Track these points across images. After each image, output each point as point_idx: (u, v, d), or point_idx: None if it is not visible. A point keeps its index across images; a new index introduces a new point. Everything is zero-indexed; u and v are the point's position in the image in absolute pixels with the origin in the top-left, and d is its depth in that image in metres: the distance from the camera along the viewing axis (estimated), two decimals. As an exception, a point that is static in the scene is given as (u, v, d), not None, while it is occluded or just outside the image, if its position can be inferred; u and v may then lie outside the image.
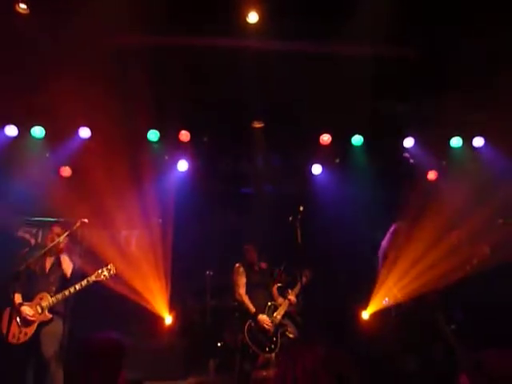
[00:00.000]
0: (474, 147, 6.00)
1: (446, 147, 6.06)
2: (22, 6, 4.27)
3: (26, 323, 4.09)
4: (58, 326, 4.21)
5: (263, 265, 5.08)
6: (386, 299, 4.88)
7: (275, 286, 5.03)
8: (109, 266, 4.30)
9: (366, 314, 5.39)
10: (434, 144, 6.04)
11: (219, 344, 5.38)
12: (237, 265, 4.94)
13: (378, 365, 4.63)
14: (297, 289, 4.80)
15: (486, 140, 5.95)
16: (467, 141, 6.00)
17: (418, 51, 4.90)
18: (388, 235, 4.91)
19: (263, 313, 4.68)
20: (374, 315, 5.22)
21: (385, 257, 4.81)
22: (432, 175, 6.20)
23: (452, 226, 5.17)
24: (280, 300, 4.89)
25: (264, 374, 4.34)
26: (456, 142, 6.01)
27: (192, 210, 5.82)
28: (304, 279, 4.83)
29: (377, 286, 4.94)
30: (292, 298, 4.77)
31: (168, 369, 4.59)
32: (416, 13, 4.31)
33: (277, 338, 4.61)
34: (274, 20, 4.51)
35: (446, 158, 6.14)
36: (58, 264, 4.37)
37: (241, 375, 4.62)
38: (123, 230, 5.94)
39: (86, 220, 4.14)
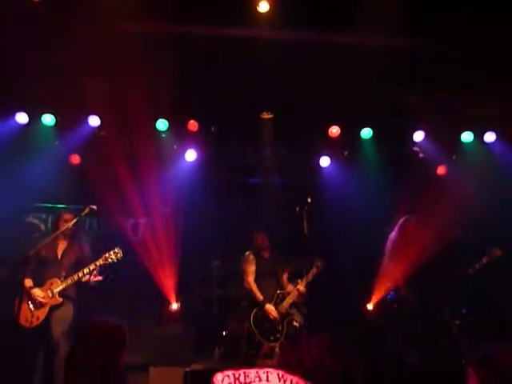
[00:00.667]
0: (485, 142, 5.94)
1: (456, 142, 5.99)
2: (35, -8, 4.27)
3: (37, 307, 4.18)
4: (68, 310, 4.30)
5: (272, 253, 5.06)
6: (392, 293, 4.87)
7: (285, 274, 5.02)
8: (116, 250, 4.35)
9: (370, 306, 5.40)
10: (445, 138, 5.99)
11: (224, 332, 5.42)
12: (247, 253, 4.96)
13: (381, 357, 4.64)
14: (307, 278, 4.74)
15: (497, 135, 5.87)
16: (478, 136, 5.93)
17: (428, 43, 4.84)
18: (396, 228, 4.89)
19: (271, 301, 4.69)
20: (377, 307, 5.22)
21: (392, 249, 4.79)
22: (442, 170, 6.15)
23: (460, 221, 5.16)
24: (289, 288, 4.87)
25: (268, 363, 4.39)
26: (467, 136, 5.94)
27: (199, 199, 5.84)
28: (315, 269, 4.79)
29: (381, 278, 4.93)
30: (301, 287, 4.72)
31: (173, 355, 4.64)
32: (429, 2, 4.24)
33: (283, 327, 4.63)
34: (284, 9, 4.48)
35: (456, 152, 6.08)
36: (69, 249, 4.44)
37: (245, 363, 4.66)
38: (130, 218, 5.99)
39: (94, 206, 4.18)
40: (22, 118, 5.48)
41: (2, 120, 5.42)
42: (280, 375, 1.32)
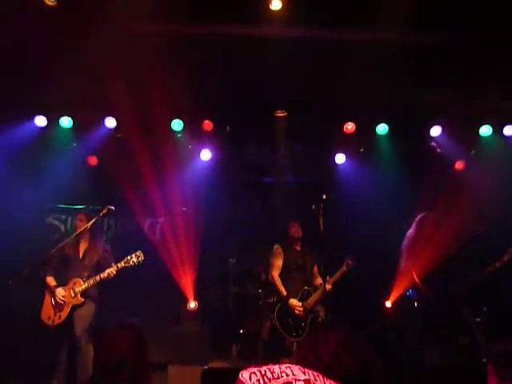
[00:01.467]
0: (504, 136, 5.82)
1: (474, 136, 5.88)
2: (51, -2, 4.35)
3: (59, 306, 4.27)
4: (90, 310, 4.38)
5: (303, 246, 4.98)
6: (411, 291, 4.81)
7: (315, 267, 4.91)
8: (137, 253, 4.41)
9: (388, 303, 5.35)
10: (462, 133, 5.88)
11: (241, 331, 5.44)
12: (276, 245, 4.87)
13: (400, 354, 4.59)
14: (335, 276, 4.63)
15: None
16: (497, 129, 5.81)
17: (445, 37, 4.76)
18: (414, 225, 4.82)
19: (296, 297, 4.63)
20: (396, 304, 5.17)
21: (410, 247, 4.73)
22: (460, 165, 6.05)
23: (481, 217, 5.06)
24: (317, 282, 4.78)
25: (285, 360, 4.37)
26: (485, 130, 5.83)
27: (215, 198, 5.87)
28: (344, 268, 4.68)
29: (399, 275, 4.87)
30: (328, 286, 4.56)
31: (191, 353, 4.68)
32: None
33: (306, 323, 4.56)
34: (296, 7, 4.46)
35: (474, 147, 5.97)
36: (91, 249, 4.52)
37: (265, 359, 4.66)
38: (148, 218, 6.06)
39: (112, 207, 4.25)
40: (40, 120, 5.60)
41: (21, 123, 5.55)
42: (302, 370, 1.32)
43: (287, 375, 1.28)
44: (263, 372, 1.28)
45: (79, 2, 4.39)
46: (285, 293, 4.62)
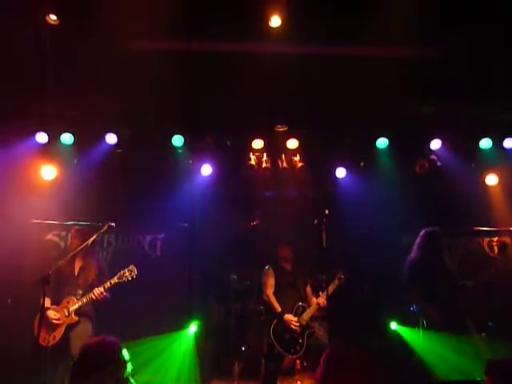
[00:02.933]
0: (504, 148, 5.82)
1: (475, 149, 5.89)
2: (53, 17, 4.40)
3: (53, 327, 4.20)
4: (85, 328, 4.32)
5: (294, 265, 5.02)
6: (414, 306, 4.76)
7: (308, 287, 4.98)
8: (130, 267, 4.37)
9: (394, 325, 5.26)
10: (463, 146, 5.89)
11: (243, 348, 5.36)
12: (266, 267, 4.95)
13: (406, 373, 4.52)
14: (328, 291, 4.59)
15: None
16: (497, 142, 5.81)
17: (443, 51, 4.80)
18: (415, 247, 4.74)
19: (291, 313, 4.63)
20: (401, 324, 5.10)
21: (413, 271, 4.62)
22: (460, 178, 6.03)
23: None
24: (311, 301, 4.83)
25: (289, 379, 4.31)
26: (485, 143, 5.83)
27: (216, 213, 5.85)
28: (336, 282, 4.74)
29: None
30: (322, 300, 4.67)
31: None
32: (442, 12, 4.22)
33: (303, 339, 4.55)
34: (295, 24, 4.51)
35: (475, 160, 5.97)
36: (85, 267, 4.47)
37: (266, 377, 4.59)
38: (148, 235, 6.03)
39: (113, 224, 4.22)
40: (41, 137, 5.60)
41: (22, 140, 5.55)
42: None
43: None
44: None
45: (80, 20, 4.44)
46: (279, 309, 4.63)
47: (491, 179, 5.89)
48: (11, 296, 4.07)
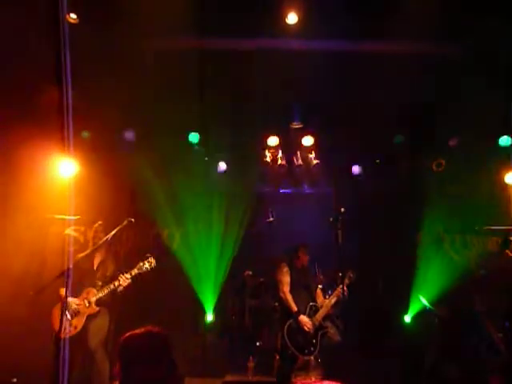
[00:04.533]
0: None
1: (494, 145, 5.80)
2: (73, 15, 4.48)
3: (74, 315, 4.28)
4: (104, 319, 4.40)
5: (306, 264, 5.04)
6: (429, 307, 4.74)
7: (319, 287, 4.99)
8: (149, 259, 4.42)
9: (408, 318, 5.26)
10: (480, 143, 5.80)
11: (258, 344, 5.41)
12: (282, 264, 4.92)
13: (419, 370, 4.51)
14: (338, 291, 4.64)
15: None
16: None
17: (462, 49, 4.75)
18: None
19: (304, 313, 4.65)
20: (415, 319, 5.10)
21: None
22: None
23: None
24: (322, 301, 4.85)
25: (303, 375, 4.33)
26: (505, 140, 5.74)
27: (231, 210, 5.89)
28: (347, 281, 4.73)
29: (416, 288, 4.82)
30: (333, 300, 4.69)
31: (208, 366, 4.67)
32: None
33: (316, 340, 4.58)
34: (311, 21, 4.50)
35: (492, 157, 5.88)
36: (105, 261, 4.56)
37: (279, 376, 4.63)
38: (166, 230, 6.11)
39: (132, 219, 4.28)
40: (63, 133, 5.69)
41: (42, 136, 5.64)
42: None
43: None
44: None
45: (97, 18, 4.51)
46: (296, 309, 4.64)
47: (510, 177, 5.80)
48: (33, 289, 4.15)
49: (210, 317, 5.42)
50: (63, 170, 5.59)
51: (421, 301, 4.77)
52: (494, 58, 4.63)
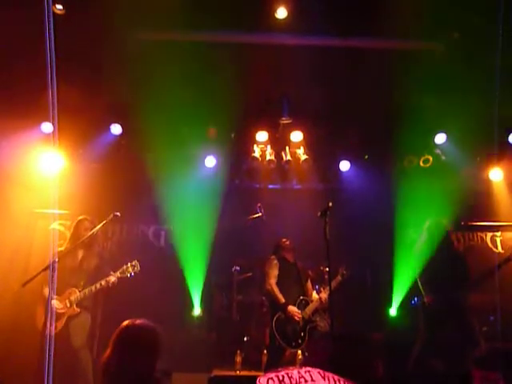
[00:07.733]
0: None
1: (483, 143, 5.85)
2: (59, 6, 4.40)
3: (56, 317, 4.24)
4: (85, 319, 4.38)
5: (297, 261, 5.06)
6: (415, 299, 4.78)
7: (309, 281, 4.99)
8: (133, 263, 4.44)
9: (393, 311, 5.32)
10: (475, 139, 5.84)
11: (245, 338, 5.41)
12: (272, 257, 4.91)
13: (405, 364, 4.55)
14: (330, 286, 4.58)
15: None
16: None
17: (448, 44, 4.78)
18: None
19: (293, 306, 4.64)
20: (401, 313, 5.16)
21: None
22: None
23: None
24: (312, 295, 4.85)
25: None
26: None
27: (219, 205, 5.87)
28: (339, 277, 4.76)
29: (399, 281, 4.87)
30: (324, 295, 4.68)
31: (195, 361, 4.66)
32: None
33: (305, 333, 4.57)
34: (301, 15, 4.49)
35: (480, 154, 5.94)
36: (88, 257, 4.51)
37: (267, 367, 4.63)
38: (152, 225, 6.07)
39: (118, 213, 4.24)
40: (46, 127, 5.62)
41: (28, 130, 5.57)
42: (321, 374, 1.31)
43: (306, 381, 1.27)
44: (281, 377, 1.27)
45: (84, 10, 4.44)
46: (283, 300, 4.61)
47: (495, 174, 5.88)
48: (18, 284, 4.10)
49: (197, 311, 5.40)
50: (49, 164, 5.54)
51: (418, 284, 4.80)
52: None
